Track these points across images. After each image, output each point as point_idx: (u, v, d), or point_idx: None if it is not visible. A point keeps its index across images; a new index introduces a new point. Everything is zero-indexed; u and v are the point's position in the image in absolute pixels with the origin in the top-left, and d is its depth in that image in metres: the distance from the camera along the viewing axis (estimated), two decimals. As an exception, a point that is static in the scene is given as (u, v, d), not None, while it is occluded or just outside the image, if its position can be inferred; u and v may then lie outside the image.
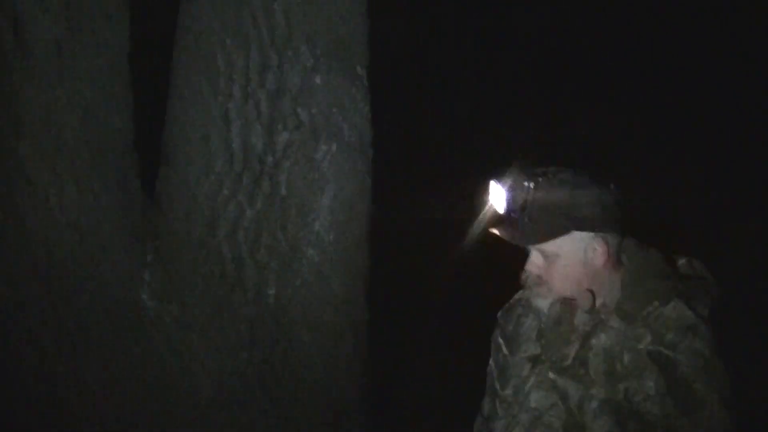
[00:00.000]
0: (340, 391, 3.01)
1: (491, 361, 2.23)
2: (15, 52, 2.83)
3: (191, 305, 2.84)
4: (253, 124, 2.81)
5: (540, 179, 1.96)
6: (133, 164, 2.95)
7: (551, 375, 2.04)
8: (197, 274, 2.84)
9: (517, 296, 2.26)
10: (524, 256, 2.07)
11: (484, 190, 2.05)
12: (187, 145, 2.84)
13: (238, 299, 2.84)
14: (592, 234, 1.99)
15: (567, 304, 2.06)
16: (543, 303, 2.11)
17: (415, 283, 4.32)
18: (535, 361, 2.09)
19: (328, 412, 2.98)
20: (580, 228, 1.98)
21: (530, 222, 1.96)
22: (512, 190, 1.98)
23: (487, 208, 2.07)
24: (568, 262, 2.01)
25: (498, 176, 2.01)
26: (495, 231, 2.02)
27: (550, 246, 2.00)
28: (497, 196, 2.01)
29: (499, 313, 2.28)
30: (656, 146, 5.38)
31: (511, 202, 1.98)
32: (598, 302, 2.04)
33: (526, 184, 1.96)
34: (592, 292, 2.03)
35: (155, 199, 2.93)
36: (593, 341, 2.01)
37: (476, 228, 2.16)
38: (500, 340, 2.21)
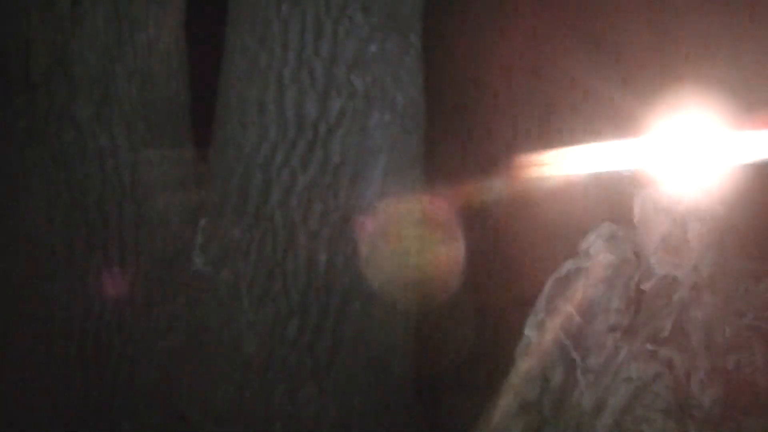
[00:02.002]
0: (392, 363, 3.01)
1: (556, 331, 2.25)
2: (73, 20, 2.88)
3: (244, 271, 2.85)
4: (307, 91, 2.81)
5: None
6: (188, 131, 2.99)
7: (649, 346, 2.10)
8: (250, 240, 2.85)
9: (571, 265, 2.31)
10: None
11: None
12: (241, 112, 2.86)
13: (290, 266, 2.85)
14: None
15: (672, 280, 2.15)
16: (666, 272, 2.15)
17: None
18: (621, 331, 2.15)
19: (378, 384, 2.98)
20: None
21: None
22: None
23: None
24: (710, 228, 2.13)
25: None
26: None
27: (709, 209, 2.14)
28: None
29: (550, 283, 2.32)
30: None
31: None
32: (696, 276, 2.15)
33: None
34: (697, 269, 2.15)
35: (209, 166, 2.95)
36: (691, 314, 2.10)
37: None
38: (568, 308, 2.24)
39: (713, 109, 2.22)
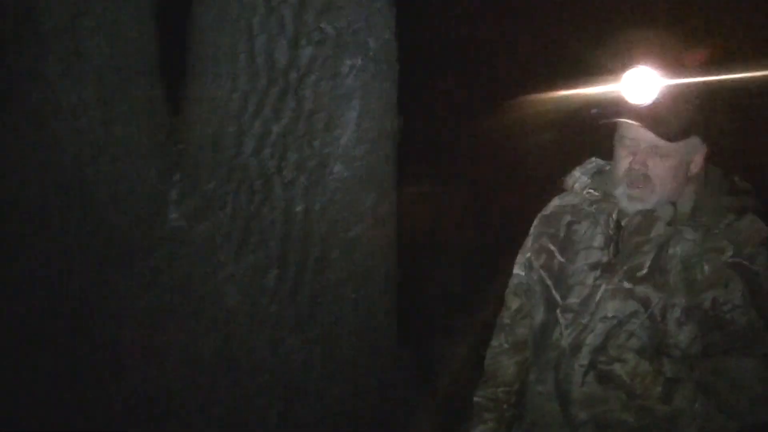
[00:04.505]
0: (376, 308, 3.01)
1: (540, 270, 2.21)
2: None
3: (220, 224, 2.84)
4: (277, 39, 2.77)
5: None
6: (159, 85, 2.94)
7: (626, 284, 2.05)
8: (225, 192, 2.83)
9: (557, 202, 2.27)
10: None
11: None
12: (212, 62, 2.82)
13: (267, 217, 2.83)
14: (699, 140, 2.06)
15: (649, 216, 2.08)
16: (631, 207, 2.10)
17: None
18: (601, 269, 2.10)
19: (363, 330, 2.98)
20: (699, 133, 2.04)
21: (672, 118, 2.01)
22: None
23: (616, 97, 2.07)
24: (675, 165, 2.05)
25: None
26: (626, 119, 2.03)
27: (671, 145, 2.03)
28: (644, 86, 2.01)
29: (537, 221, 2.29)
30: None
31: (660, 96, 2.01)
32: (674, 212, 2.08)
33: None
34: (674, 204, 2.07)
35: (182, 119, 2.92)
36: (670, 251, 2.03)
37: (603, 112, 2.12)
38: (551, 247, 2.20)
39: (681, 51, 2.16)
